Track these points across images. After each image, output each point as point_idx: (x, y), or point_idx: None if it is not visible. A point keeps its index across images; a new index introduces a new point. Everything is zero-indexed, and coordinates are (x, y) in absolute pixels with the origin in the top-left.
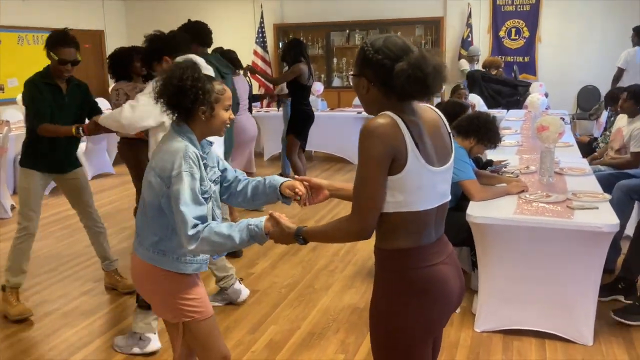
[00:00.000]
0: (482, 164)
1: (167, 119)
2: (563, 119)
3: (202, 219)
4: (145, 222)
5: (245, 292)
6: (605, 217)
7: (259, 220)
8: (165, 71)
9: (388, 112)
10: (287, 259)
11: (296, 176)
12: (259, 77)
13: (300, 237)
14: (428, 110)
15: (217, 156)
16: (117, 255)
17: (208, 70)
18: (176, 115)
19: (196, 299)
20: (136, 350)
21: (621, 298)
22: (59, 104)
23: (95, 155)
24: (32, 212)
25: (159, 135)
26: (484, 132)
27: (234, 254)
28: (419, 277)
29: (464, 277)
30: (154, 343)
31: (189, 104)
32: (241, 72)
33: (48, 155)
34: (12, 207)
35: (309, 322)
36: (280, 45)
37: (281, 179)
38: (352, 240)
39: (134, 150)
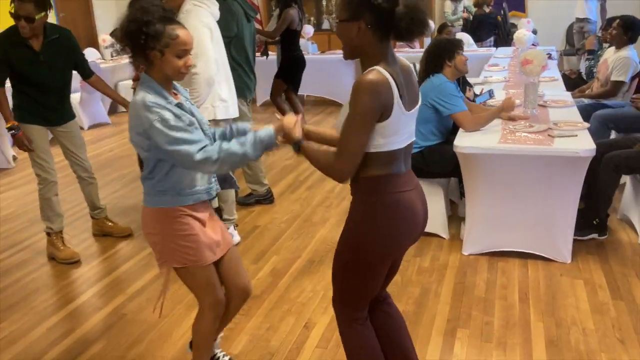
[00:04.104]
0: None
1: None
2: (550, 55)
3: (201, 141)
4: (144, 174)
5: (237, 238)
6: (582, 143)
7: (269, 133)
8: (131, 8)
9: (378, 68)
10: (286, 196)
11: (277, 115)
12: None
13: (298, 146)
14: (401, 58)
15: (203, 118)
16: (119, 200)
17: (209, 8)
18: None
19: (192, 248)
20: None
21: (595, 236)
22: (33, 64)
23: (90, 105)
24: (43, 162)
25: None
26: (448, 48)
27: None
28: (388, 201)
29: (452, 206)
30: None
31: (137, 48)
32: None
33: (37, 109)
34: (14, 158)
35: (309, 251)
36: None
37: (247, 125)
38: (329, 177)
39: None
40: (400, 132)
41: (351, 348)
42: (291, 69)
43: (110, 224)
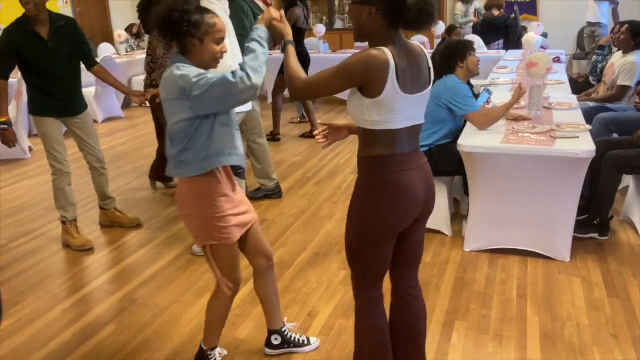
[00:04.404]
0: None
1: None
2: (558, 58)
3: (225, 73)
4: (183, 147)
5: None
6: (582, 145)
7: (262, 31)
8: (158, 3)
9: (383, 48)
10: (294, 191)
11: (318, 121)
12: None
13: (285, 45)
14: (413, 43)
15: None
16: (131, 191)
17: (218, 4)
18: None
19: (224, 227)
20: None
21: (596, 235)
22: (41, 52)
23: (104, 99)
24: (57, 153)
25: None
26: (460, 49)
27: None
28: (390, 179)
29: (456, 204)
30: None
31: (177, 35)
32: None
33: (49, 100)
34: (30, 149)
35: (314, 244)
36: None
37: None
38: (288, 86)
39: None
40: (397, 112)
41: (361, 325)
42: None
43: (119, 214)
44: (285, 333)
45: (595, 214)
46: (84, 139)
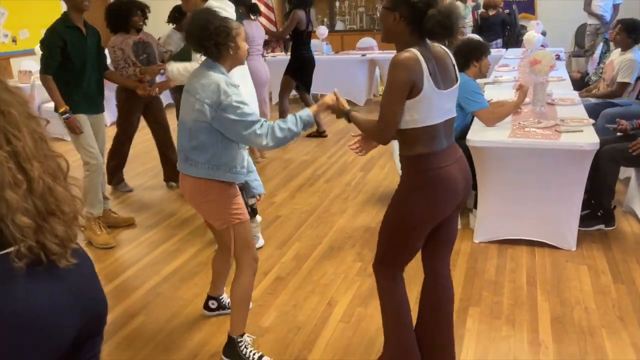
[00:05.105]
0: None
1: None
2: (558, 56)
3: (260, 119)
4: (194, 146)
5: (261, 241)
6: (587, 138)
7: (307, 113)
8: (198, 16)
9: (412, 49)
10: (304, 189)
11: (351, 134)
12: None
13: (347, 116)
14: (436, 46)
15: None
16: (146, 191)
17: (228, 12)
18: (207, 54)
19: (239, 206)
20: None
21: (602, 226)
22: (82, 46)
23: (112, 103)
24: (93, 149)
25: None
26: (477, 48)
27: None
28: (432, 175)
29: None
30: (260, 241)
31: (222, 42)
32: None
33: (83, 98)
34: None
35: (329, 239)
36: None
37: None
38: (374, 139)
39: (130, 98)
40: (435, 108)
41: (386, 302)
42: (300, 68)
43: (114, 215)
44: (221, 300)
45: (597, 206)
46: (96, 139)
